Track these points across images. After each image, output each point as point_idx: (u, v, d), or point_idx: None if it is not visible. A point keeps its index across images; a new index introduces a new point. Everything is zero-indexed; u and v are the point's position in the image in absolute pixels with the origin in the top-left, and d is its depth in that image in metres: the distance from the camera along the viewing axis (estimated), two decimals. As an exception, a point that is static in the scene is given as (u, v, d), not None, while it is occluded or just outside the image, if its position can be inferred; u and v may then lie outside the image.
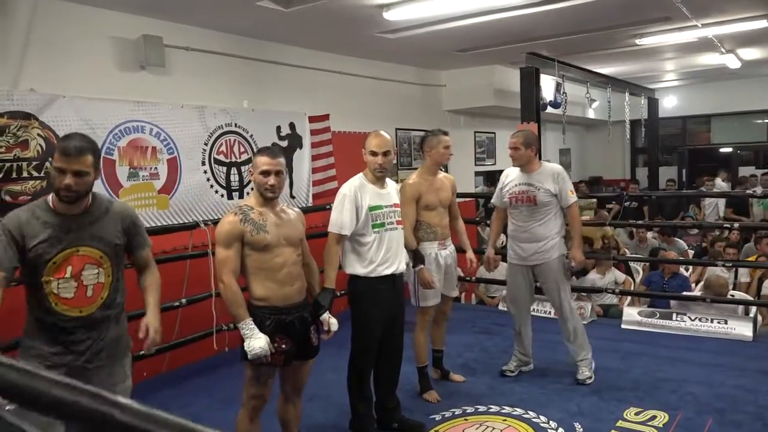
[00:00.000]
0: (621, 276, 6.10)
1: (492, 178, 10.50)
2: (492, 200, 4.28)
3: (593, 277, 6.04)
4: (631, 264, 7.01)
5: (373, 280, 3.13)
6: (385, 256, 3.14)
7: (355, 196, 3.09)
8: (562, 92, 6.73)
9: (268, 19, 4.69)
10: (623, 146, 11.09)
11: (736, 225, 5.73)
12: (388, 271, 3.16)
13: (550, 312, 5.58)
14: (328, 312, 2.86)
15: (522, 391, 3.89)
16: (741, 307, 5.28)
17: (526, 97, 6.46)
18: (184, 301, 4.24)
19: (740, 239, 7.32)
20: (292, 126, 5.73)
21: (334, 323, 2.85)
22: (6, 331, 3.08)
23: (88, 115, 4.08)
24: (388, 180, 3.29)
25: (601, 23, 5.56)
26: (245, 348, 2.54)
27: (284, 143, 5.64)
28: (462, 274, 4.32)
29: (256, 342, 2.53)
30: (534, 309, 5.59)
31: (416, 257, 3.57)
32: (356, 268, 3.16)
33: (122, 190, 4.28)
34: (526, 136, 3.91)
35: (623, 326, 5.20)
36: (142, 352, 3.94)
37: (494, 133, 9.00)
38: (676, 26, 5.74)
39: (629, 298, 5.91)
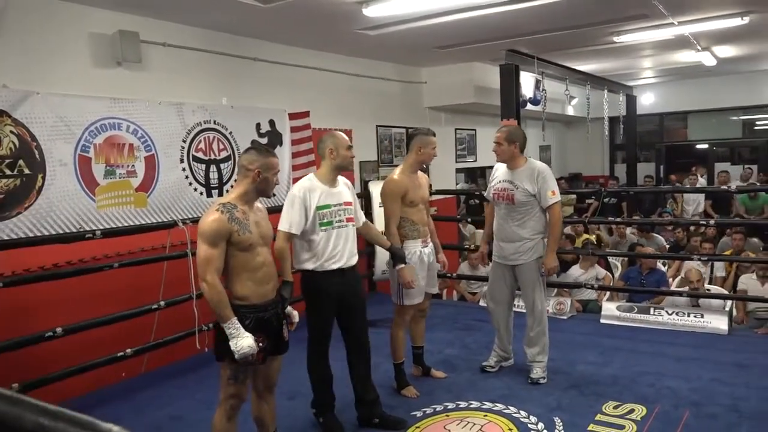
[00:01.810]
0: (602, 272, 6.17)
1: (473, 174, 10.58)
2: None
3: (576, 273, 6.10)
4: (610, 259, 7.10)
5: (321, 274, 3.24)
6: (332, 252, 3.24)
7: (304, 197, 3.19)
8: (541, 89, 6.77)
9: (247, 15, 4.65)
10: (602, 143, 11.19)
11: (712, 222, 5.79)
12: (335, 266, 3.26)
13: (530, 308, 5.63)
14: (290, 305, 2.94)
15: (502, 386, 3.91)
16: (718, 301, 5.37)
17: (505, 94, 6.48)
18: (162, 303, 4.19)
19: (716, 234, 7.45)
20: (272, 123, 5.69)
21: (295, 314, 2.95)
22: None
23: (64, 112, 4.01)
24: (340, 178, 3.37)
25: (580, 21, 5.60)
26: (233, 348, 2.51)
27: (264, 140, 5.60)
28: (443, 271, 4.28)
29: (244, 341, 2.52)
30: (516, 305, 5.66)
31: (395, 256, 3.59)
32: (305, 264, 3.26)
33: (98, 188, 4.21)
34: (510, 132, 3.86)
35: (602, 321, 5.25)
36: (120, 354, 3.94)
37: (475, 130, 9.03)
38: (653, 24, 5.80)
39: (608, 293, 5.97)
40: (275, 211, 3.28)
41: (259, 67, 5.58)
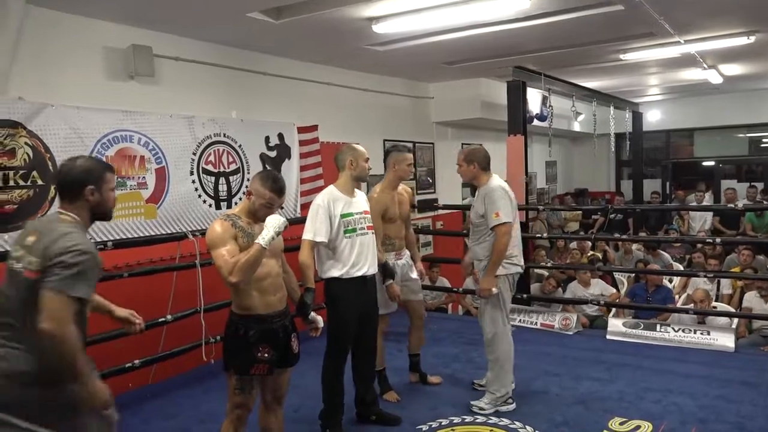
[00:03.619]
0: (609, 289, 6.17)
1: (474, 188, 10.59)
2: None
3: (579, 290, 6.10)
4: (616, 275, 7.09)
5: (347, 281, 3.35)
6: (357, 259, 3.36)
7: (329, 206, 3.33)
8: (548, 105, 6.82)
9: (258, 30, 4.72)
10: (608, 159, 11.23)
11: (718, 240, 5.79)
12: (360, 273, 3.37)
13: (536, 323, 5.65)
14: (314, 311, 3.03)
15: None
16: (724, 319, 5.36)
17: (512, 110, 6.54)
18: (169, 317, 4.22)
19: (723, 251, 7.43)
20: (280, 136, 5.75)
21: (320, 320, 3.03)
22: None
23: (77, 124, 4.08)
24: (356, 189, 3.50)
25: (586, 38, 5.66)
26: (271, 227, 2.56)
27: (273, 153, 5.66)
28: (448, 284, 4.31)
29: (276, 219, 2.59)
30: (519, 320, 5.70)
31: (386, 272, 3.74)
32: (332, 271, 3.37)
33: (110, 200, 4.26)
34: (468, 152, 3.83)
35: (608, 337, 5.24)
36: (128, 365, 3.96)
37: (481, 144, 9.04)
38: (659, 42, 5.86)
39: (614, 309, 5.97)
40: (298, 222, 3.38)
41: (268, 81, 5.65)
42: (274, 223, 2.58)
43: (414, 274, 4.11)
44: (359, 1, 4.26)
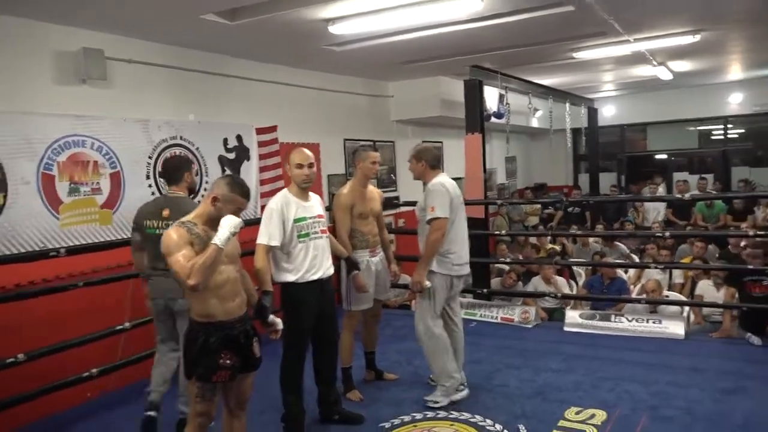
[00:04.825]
0: (567, 287, 6.34)
1: (441, 186, 10.71)
2: None
3: (538, 284, 6.25)
4: (574, 267, 7.28)
5: (302, 285, 3.40)
6: (312, 263, 3.41)
7: (282, 210, 3.35)
8: (505, 103, 6.95)
9: (214, 31, 4.68)
10: (566, 153, 11.45)
11: (668, 234, 6.01)
12: (315, 277, 3.42)
13: (497, 317, 5.77)
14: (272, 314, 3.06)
15: (470, 395, 3.98)
16: (675, 307, 5.56)
17: (470, 108, 6.63)
18: (128, 325, 4.17)
19: (674, 242, 7.69)
20: (239, 138, 5.71)
21: (279, 322, 3.07)
22: None
23: (26, 130, 3.98)
24: (311, 193, 3.53)
25: (540, 38, 5.78)
26: (227, 227, 2.56)
27: (231, 155, 5.63)
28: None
29: (231, 219, 2.58)
30: (480, 314, 5.81)
31: (350, 264, 3.84)
32: (287, 275, 3.41)
33: (62, 206, 4.18)
34: (417, 151, 3.92)
35: (566, 329, 5.39)
36: (85, 374, 3.89)
37: (441, 142, 9.16)
38: (610, 41, 6.02)
39: (572, 301, 6.12)
40: (258, 223, 3.39)
41: (226, 82, 5.61)
42: (229, 222, 2.57)
43: (386, 273, 4.19)
44: (315, 3, 4.26)
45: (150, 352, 4.25)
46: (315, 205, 3.54)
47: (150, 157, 4.85)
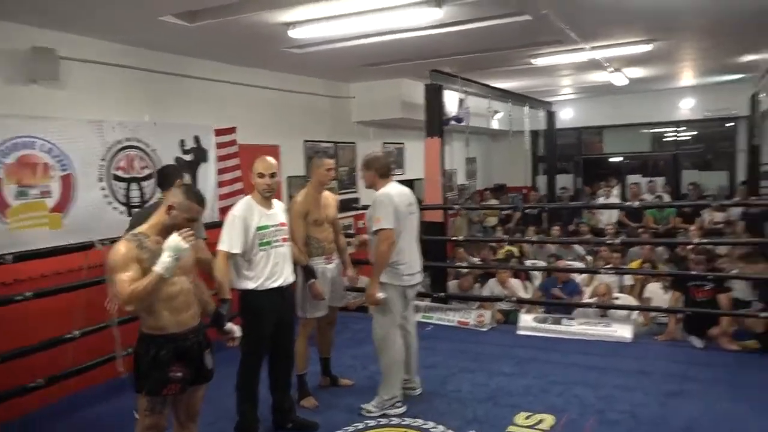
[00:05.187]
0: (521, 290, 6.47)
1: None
2: None
3: (494, 286, 6.36)
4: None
5: (262, 293, 3.41)
6: (272, 271, 3.43)
7: (245, 217, 3.36)
8: (464, 107, 7.02)
9: (172, 32, 4.60)
10: (525, 155, 11.64)
11: (618, 240, 6.21)
12: (275, 285, 3.44)
13: (453, 321, 5.85)
14: (229, 322, 3.05)
15: (423, 400, 4.05)
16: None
17: (430, 113, 6.69)
18: (77, 333, 4.09)
19: (626, 244, 7.92)
20: (197, 139, 5.64)
21: (236, 329, 3.05)
22: None
23: (-29, 131, 3.86)
24: (274, 201, 3.55)
25: (499, 44, 5.87)
26: (169, 253, 2.50)
27: (189, 157, 5.55)
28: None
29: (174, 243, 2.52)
30: (437, 318, 5.89)
31: (307, 272, 3.87)
32: (247, 283, 3.42)
33: (10, 210, 4.06)
34: (367, 159, 3.92)
35: (519, 332, 5.51)
36: (32, 385, 3.80)
37: (403, 143, 9.22)
38: (567, 48, 6.14)
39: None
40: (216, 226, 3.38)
41: (184, 83, 5.53)
42: (172, 246, 2.51)
43: (342, 280, 4.22)
44: (274, 8, 4.24)
45: (103, 359, 4.21)
46: (278, 212, 3.56)
47: (103, 159, 4.75)
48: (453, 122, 6.97)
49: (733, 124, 10.94)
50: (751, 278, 5.19)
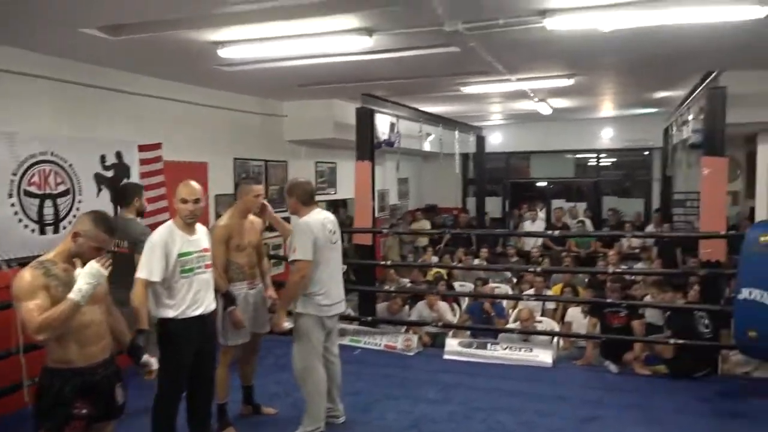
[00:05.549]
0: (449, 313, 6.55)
1: (335, 206, 10.73)
2: None
3: (422, 309, 6.41)
4: (458, 289, 7.56)
5: (182, 321, 3.30)
6: (194, 299, 3.33)
7: (165, 244, 3.25)
8: (396, 132, 7.09)
9: (94, 45, 4.42)
10: (455, 177, 11.89)
11: (539, 269, 6.41)
12: (197, 313, 3.33)
13: (380, 344, 5.85)
14: (146, 353, 2.94)
15: (347, 429, 4.01)
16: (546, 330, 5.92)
17: (361, 136, 6.73)
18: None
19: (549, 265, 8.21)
20: (119, 155, 5.42)
21: (153, 362, 2.95)
22: None
23: None
24: (198, 226, 3.45)
25: (429, 72, 5.98)
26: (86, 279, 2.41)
27: (109, 173, 5.32)
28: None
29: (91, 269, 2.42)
30: (364, 342, 5.88)
31: (227, 299, 3.78)
32: (167, 311, 3.30)
33: None
34: (290, 186, 3.90)
35: (445, 356, 5.56)
36: None
37: (335, 163, 9.21)
38: (494, 79, 6.33)
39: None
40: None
41: (107, 96, 5.30)
42: (89, 272, 2.42)
43: (264, 306, 4.13)
44: (202, 27, 4.16)
45: (7, 387, 3.95)
46: (201, 238, 3.45)
47: (14, 174, 4.48)
48: (384, 146, 7.02)
49: (648, 153, 11.59)
50: (659, 306, 5.46)
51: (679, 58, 5.30)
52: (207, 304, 3.40)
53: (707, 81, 5.77)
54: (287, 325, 3.67)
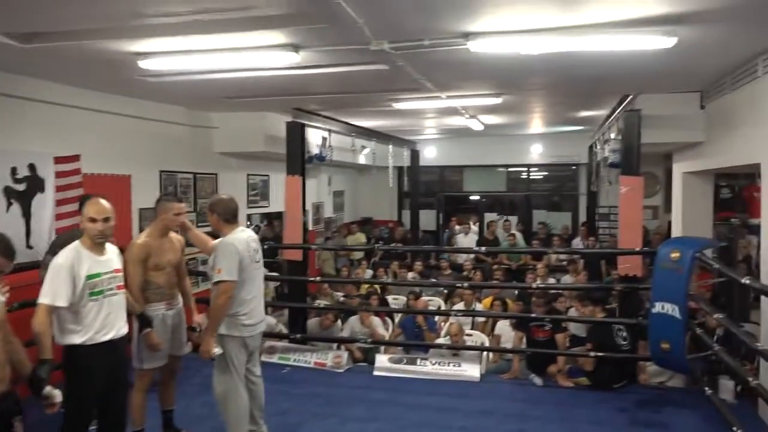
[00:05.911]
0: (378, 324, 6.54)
1: (270, 219, 10.58)
2: None
3: (354, 324, 6.38)
4: (392, 304, 7.57)
5: (91, 347, 3.12)
6: (103, 323, 3.16)
7: (71, 266, 3.07)
8: (327, 146, 7.06)
9: (3, 51, 4.19)
10: (390, 190, 11.96)
11: (466, 285, 6.52)
12: (107, 338, 3.16)
13: (310, 362, 5.78)
14: (49, 385, 2.80)
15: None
16: (476, 343, 6.01)
17: (291, 150, 6.67)
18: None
19: (482, 278, 8.34)
20: (32, 167, 5.15)
21: (57, 394, 2.81)
22: None
23: None
24: (108, 245, 3.29)
25: (361, 87, 5.99)
26: None
27: (21, 186, 5.05)
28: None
29: None
30: (294, 359, 5.79)
31: (143, 321, 3.66)
32: (73, 337, 3.11)
33: None
34: (211, 203, 3.78)
35: (375, 373, 5.55)
36: None
37: (268, 175, 9.08)
38: (425, 96, 6.42)
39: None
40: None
41: (19, 105, 5.03)
42: None
43: (183, 327, 4.02)
44: (122, 37, 4.02)
45: None
46: (112, 258, 3.28)
47: None
48: (315, 160, 6.98)
49: (575, 168, 12.02)
50: (580, 320, 5.65)
51: (599, 81, 5.53)
52: (118, 327, 3.24)
53: (624, 104, 6.05)
54: (217, 350, 3.53)
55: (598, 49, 3.99)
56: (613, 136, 6.75)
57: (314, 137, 7.09)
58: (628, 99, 5.95)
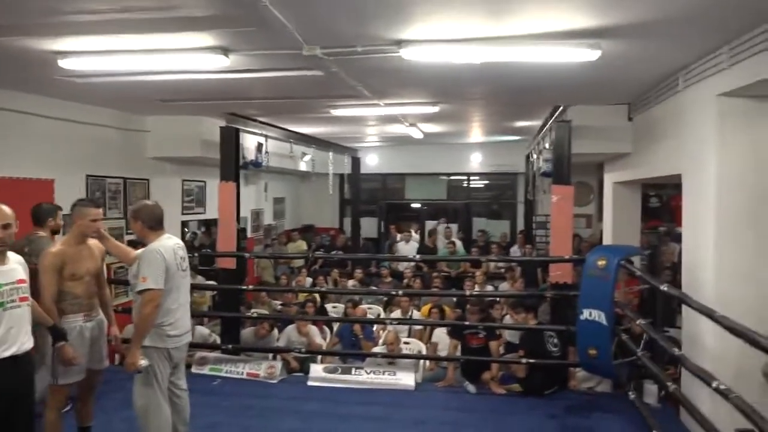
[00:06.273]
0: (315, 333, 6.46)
1: (207, 226, 10.31)
2: None
3: (291, 333, 6.26)
4: (330, 311, 7.49)
5: None
6: (5, 337, 2.97)
7: None
8: (264, 152, 6.94)
9: None
10: (331, 197, 11.90)
11: (401, 293, 6.57)
12: (9, 353, 2.98)
13: (242, 373, 5.63)
14: None
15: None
16: (413, 351, 6.00)
17: (225, 156, 6.51)
18: None
19: (421, 286, 8.37)
20: (-60, 171, 4.83)
21: None
22: None
23: None
24: (10, 254, 3.11)
25: (298, 93, 5.91)
26: None
27: (-73, 191, 4.72)
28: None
29: None
30: (226, 370, 5.64)
31: (56, 333, 3.47)
32: None
33: None
34: (134, 209, 3.63)
35: (309, 383, 5.45)
36: None
37: (204, 182, 8.84)
38: (363, 103, 6.39)
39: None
40: None
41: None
42: None
43: (104, 339, 3.83)
44: (41, 35, 3.82)
45: None
46: (15, 268, 3.09)
47: None
48: (251, 166, 6.84)
49: (514, 176, 12.27)
50: (513, 327, 5.73)
51: (532, 92, 5.65)
52: (21, 342, 3.03)
53: (556, 115, 6.20)
54: (143, 362, 3.36)
55: (527, 60, 4.06)
56: (546, 146, 6.91)
57: (251, 143, 6.94)
58: (560, 110, 6.10)
